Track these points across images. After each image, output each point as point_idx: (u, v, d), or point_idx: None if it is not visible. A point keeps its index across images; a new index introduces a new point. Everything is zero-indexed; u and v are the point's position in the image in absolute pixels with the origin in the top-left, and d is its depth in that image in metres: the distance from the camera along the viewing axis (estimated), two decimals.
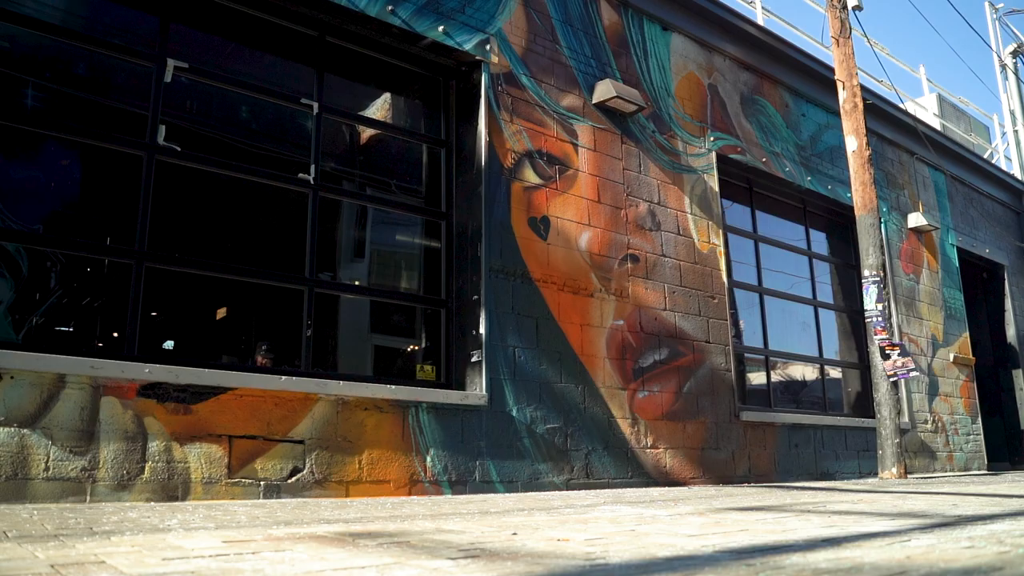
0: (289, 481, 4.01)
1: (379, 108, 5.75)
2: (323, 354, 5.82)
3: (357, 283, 6.37)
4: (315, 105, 4.89)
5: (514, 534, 2.47)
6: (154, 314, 6.85)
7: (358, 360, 6.47)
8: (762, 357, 7.46)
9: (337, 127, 5.71)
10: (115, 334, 5.97)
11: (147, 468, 3.64)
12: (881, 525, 2.69)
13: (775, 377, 7.59)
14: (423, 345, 5.34)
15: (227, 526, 2.61)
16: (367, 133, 5.96)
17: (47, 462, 3.41)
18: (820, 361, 8.15)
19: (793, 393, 7.96)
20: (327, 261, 5.95)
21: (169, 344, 6.91)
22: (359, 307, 6.39)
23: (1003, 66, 12.81)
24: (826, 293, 8.54)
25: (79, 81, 4.84)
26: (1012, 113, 12.84)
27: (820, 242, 8.68)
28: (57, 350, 3.64)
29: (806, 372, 8.22)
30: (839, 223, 8.67)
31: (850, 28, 7.29)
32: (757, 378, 7.50)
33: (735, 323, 7.05)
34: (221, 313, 7.47)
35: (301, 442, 4.09)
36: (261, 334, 6.73)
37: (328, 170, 5.38)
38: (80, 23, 4.36)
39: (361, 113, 5.74)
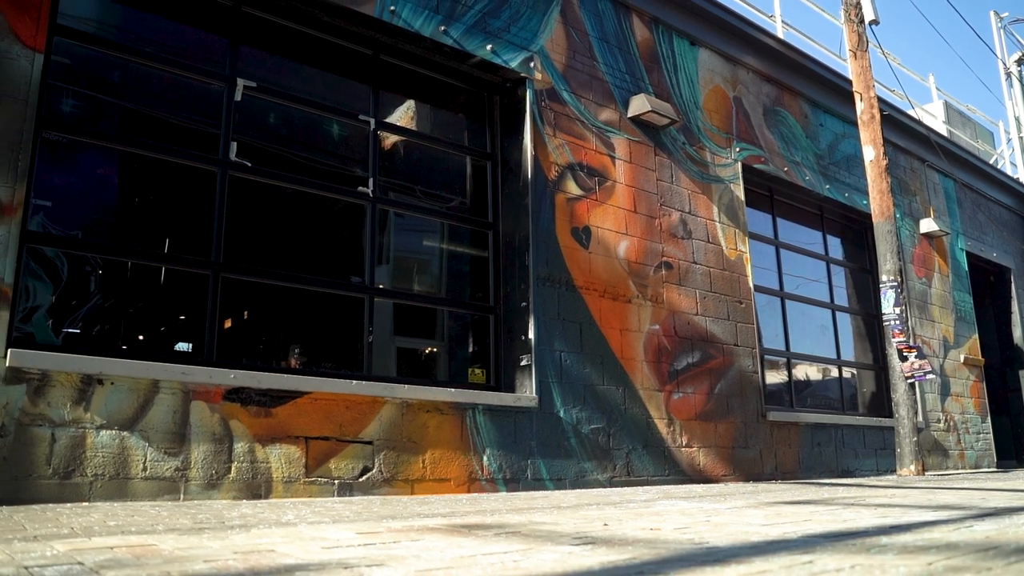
0: (360, 480, 4.26)
1: (401, 117, 5.94)
2: (357, 357, 6.01)
3: (382, 286, 6.56)
4: (372, 121, 5.14)
5: (605, 524, 2.70)
6: (183, 317, 7.06)
7: (386, 363, 6.65)
8: (782, 359, 7.72)
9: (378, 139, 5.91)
10: (138, 336, 6.20)
11: (233, 468, 3.88)
12: (932, 515, 2.92)
13: (785, 378, 7.83)
14: (471, 350, 5.59)
15: (342, 520, 2.84)
16: (408, 145, 6.19)
17: (144, 463, 3.65)
18: (838, 363, 8.41)
19: (798, 392, 8.19)
20: (356, 267, 6.14)
21: (184, 346, 6.98)
22: (383, 310, 6.53)
23: (1008, 74, 13.11)
24: (841, 296, 8.80)
25: (151, 99, 5.07)
26: (1017, 119, 13.13)
27: (836, 247, 8.95)
28: (147, 357, 3.88)
29: (809, 372, 8.46)
30: (854, 229, 8.95)
31: (867, 42, 7.55)
32: (769, 377, 7.73)
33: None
34: (245, 315, 7.62)
35: (370, 443, 4.34)
36: (293, 337, 6.90)
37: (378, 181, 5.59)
38: (155, 47, 4.59)
39: (386, 120, 5.92)
